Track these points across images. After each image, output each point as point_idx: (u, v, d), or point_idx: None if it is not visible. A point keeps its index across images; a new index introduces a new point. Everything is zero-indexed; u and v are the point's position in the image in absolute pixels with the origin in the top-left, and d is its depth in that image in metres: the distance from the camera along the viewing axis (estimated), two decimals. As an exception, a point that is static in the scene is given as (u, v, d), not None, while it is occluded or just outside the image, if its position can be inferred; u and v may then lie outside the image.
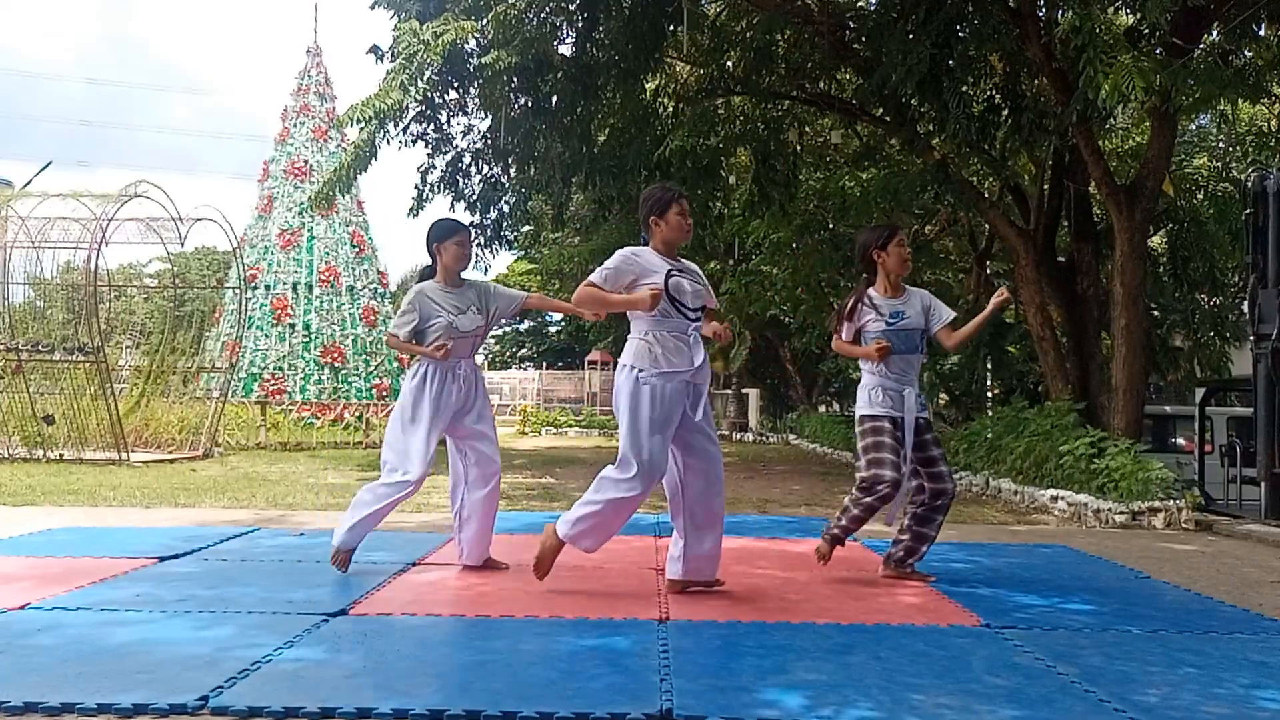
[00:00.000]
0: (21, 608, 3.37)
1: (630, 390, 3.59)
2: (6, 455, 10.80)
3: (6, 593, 3.59)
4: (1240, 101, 10.35)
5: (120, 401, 11.78)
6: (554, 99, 10.38)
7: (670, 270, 3.68)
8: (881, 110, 10.68)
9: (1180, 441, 13.02)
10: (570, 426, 24.61)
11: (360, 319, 19.37)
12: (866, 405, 4.13)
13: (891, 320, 4.10)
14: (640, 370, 3.60)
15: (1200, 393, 11.43)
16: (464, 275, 4.25)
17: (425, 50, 8.78)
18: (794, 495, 8.74)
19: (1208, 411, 11.02)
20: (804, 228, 13.83)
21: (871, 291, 4.19)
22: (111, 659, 2.76)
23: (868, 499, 4.05)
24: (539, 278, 28.70)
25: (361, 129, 9.40)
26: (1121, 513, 6.69)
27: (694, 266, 3.87)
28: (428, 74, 9.11)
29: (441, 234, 4.18)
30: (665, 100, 11.86)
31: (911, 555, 4.23)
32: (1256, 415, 6.98)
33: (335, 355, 18.76)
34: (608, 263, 3.69)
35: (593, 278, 3.66)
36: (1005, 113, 9.50)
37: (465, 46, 9.66)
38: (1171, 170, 10.09)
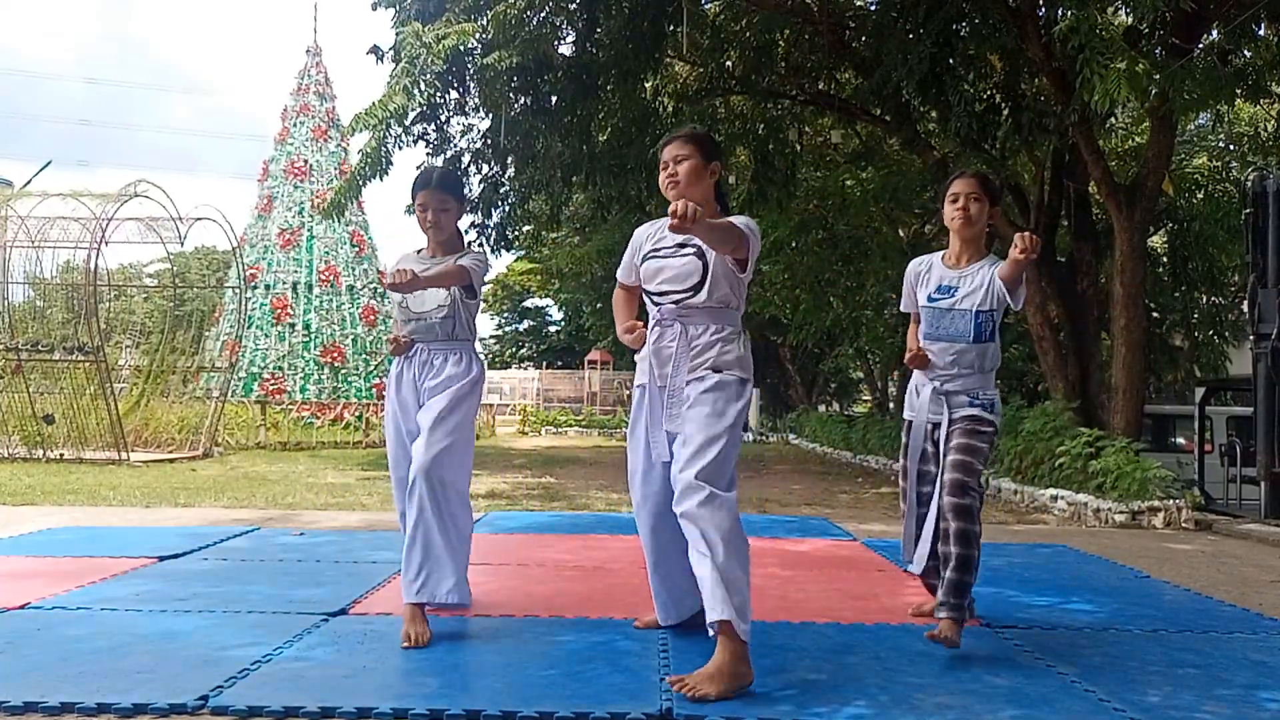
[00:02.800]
0: (21, 607, 3.37)
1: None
2: (6, 455, 10.79)
3: (6, 592, 3.59)
4: (1240, 101, 10.35)
5: (120, 401, 11.79)
6: (554, 99, 10.38)
7: (649, 251, 2.92)
8: (881, 110, 10.68)
9: (1180, 441, 13.04)
10: (570, 426, 24.63)
11: (360, 318, 19.37)
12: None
13: (935, 296, 3.18)
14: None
15: (1200, 392, 11.44)
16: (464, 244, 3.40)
17: (427, 53, 8.78)
18: (794, 495, 8.75)
19: (1207, 411, 11.03)
20: (802, 226, 13.83)
21: (936, 257, 3.30)
22: (111, 658, 2.75)
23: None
24: (539, 278, 28.70)
25: (370, 136, 9.40)
26: (1121, 512, 6.69)
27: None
28: (429, 75, 9.11)
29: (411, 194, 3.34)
30: (665, 100, 11.86)
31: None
32: (1256, 415, 6.99)
33: (335, 355, 18.76)
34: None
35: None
36: (1005, 112, 9.50)
37: (466, 47, 9.67)
38: (1171, 170, 10.09)
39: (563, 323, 37.57)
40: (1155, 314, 12.34)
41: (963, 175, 3.27)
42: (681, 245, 2.81)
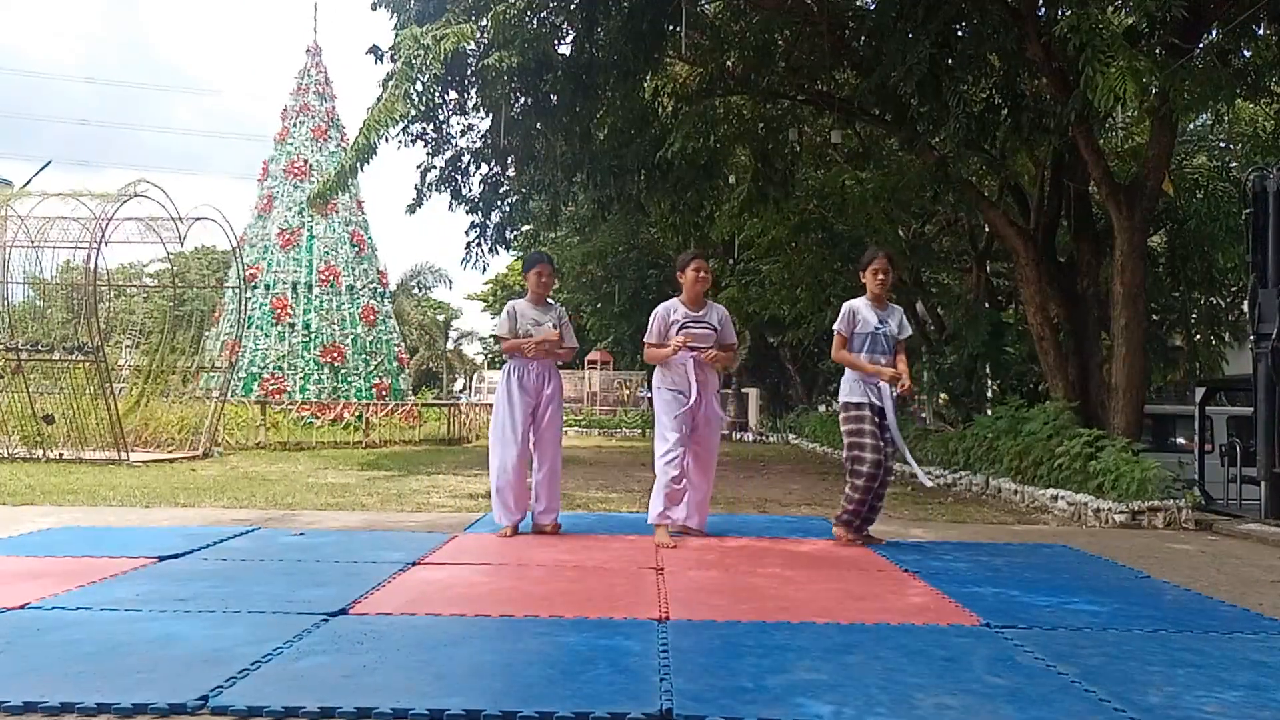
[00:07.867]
0: (21, 607, 3.37)
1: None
2: (6, 455, 10.79)
3: (6, 592, 3.59)
4: (1240, 101, 10.35)
5: (120, 401, 11.78)
6: (554, 99, 10.38)
7: (687, 319, 5.19)
8: (881, 110, 10.68)
9: (1181, 441, 13.03)
10: (570, 426, 24.66)
11: (360, 318, 19.38)
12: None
13: (878, 327, 5.14)
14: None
15: (1200, 392, 11.43)
16: (549, 300, 5.49)
17: (426, 55, 8.77)
18: (793, 495, 8.74)
19: (1208, 411, 11.02)
20: (802, 226, 13.82)
21: (861, 302, 5.21)
22: (111, 658, 2.75)
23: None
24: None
25: (361, 131, 9.40)
26: (1121, 512, 6.68)
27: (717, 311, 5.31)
28: (427, 77, 9.09)
29: (526, 266, 5.58)
30: (665, 100, 11.86)
31: (866, 523, 5.24)
32: (1256, 415, 6.97)
33: (335, 355, 18.77)
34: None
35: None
36: (1004, 112, 9.50)
37: (465, 48, 9.66)
38: (1171, 170, 10.09)
39: (562, 323, 37.51)
40: (1155, 314, 12.34)
41: (879, 255, 5.17)
42: (699, 320, 5.22)
